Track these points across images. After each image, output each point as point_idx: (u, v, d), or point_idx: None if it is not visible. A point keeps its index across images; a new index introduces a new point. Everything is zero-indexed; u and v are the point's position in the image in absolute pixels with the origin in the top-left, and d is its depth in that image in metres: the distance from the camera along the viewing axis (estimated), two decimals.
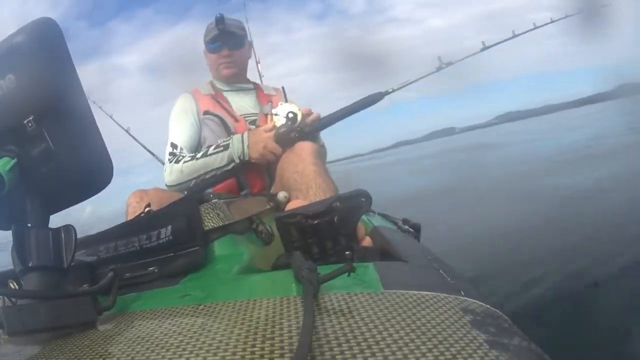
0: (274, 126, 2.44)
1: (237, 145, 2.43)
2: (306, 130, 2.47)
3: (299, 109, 2.53)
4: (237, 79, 3.01)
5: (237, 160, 2.43)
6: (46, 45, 0.95)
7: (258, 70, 4.08)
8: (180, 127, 2.80)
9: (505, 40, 3.00)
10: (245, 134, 2.46)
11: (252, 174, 2.56)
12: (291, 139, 2.40)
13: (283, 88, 3.09)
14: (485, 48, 2.93)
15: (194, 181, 2.51)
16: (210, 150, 2.49)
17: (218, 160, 2.45)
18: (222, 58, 2.92)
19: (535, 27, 3.11)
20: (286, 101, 2.91)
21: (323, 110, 2.61)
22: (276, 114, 2.51)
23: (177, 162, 2.57)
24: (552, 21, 3.17)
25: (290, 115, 2.48)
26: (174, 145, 2.72)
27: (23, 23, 0.97)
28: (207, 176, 2.49)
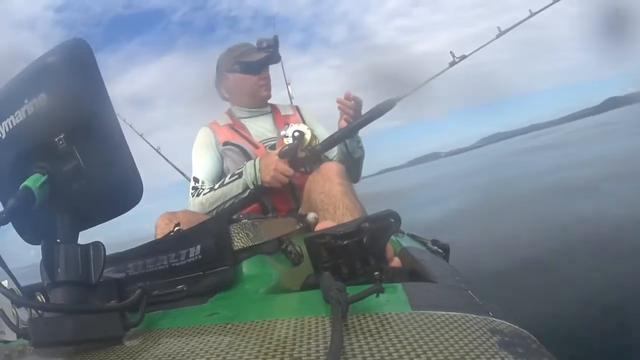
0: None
1: (249, 170, 2.43)
2: (317, 148, 2.46)
3: (308, 129, 2.55)
4: (266, 101, 3.03)
5: (252, 186, 2.42)
6: (77, 65, 0.96)
7: (288, 92, 4.07)
8: (201, 161, 2.83)
9: (523, 21, 2.69)
10: (257, 159, 2.46)
11: (277, 198, 2.53)
12: (301, 158, 2.41)
13: (297, 107, 3.08)
14: (501, 33, 2.67)
15: (214, 212, 2.51)
16: (227, 180, 2.50)
17: (234, 188, 2.46)
18: (262, 80, 2.92)
19: (555, 1, 2.81)
20: (303, 120, 2.90)
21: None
22: (286, 136, 2.53)
23: (198, 195, 2.59)
24: None
25: (296, 134, 2.49)
26: (196, 180, 2.75)
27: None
28: (226, 205, 2.49)
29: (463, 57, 2.66)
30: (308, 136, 2.49)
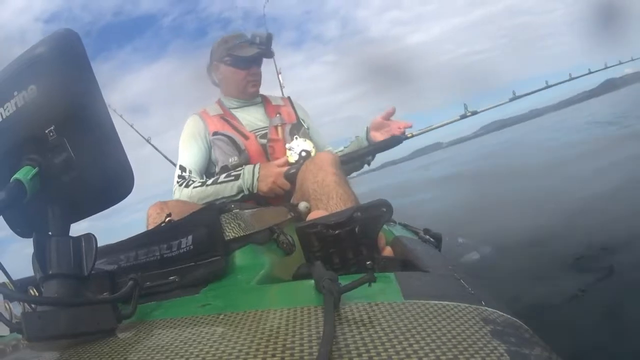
0: (287, 161, 2.47)
1: (247, 177, 2.43)
2: None
3: (313, 147, 2.59)
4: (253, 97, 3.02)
5: (247, 192, 2.43)
6: (67, 56, 0.96)
7: (279, 81, 4.05)
8: (188, 150, 2.80)
9: (537, 90, 2.89)
10: (257, 166, 2.47)
11: None
12: None
13: (290, 98, 3.07)
14: (514, 98, 2.84)
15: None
16: (221, 178, 2.50)
17: (228, 189, 2.46)
18: (251, 75, 2.91)
19: (572, 78, 2.95)
20: (295, 110, 2.91)
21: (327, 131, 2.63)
22: (290, 149, 2.55)
23: (186, 186, 2.57)
24: (590, 72, 3.00)
25: (303, 154, 2.53)
26: (182, 168, 2.73)
27: None
28: (216, 203, 2.47)
29: (475, 113, 2.84)
30: (313, 154, 2.52)
